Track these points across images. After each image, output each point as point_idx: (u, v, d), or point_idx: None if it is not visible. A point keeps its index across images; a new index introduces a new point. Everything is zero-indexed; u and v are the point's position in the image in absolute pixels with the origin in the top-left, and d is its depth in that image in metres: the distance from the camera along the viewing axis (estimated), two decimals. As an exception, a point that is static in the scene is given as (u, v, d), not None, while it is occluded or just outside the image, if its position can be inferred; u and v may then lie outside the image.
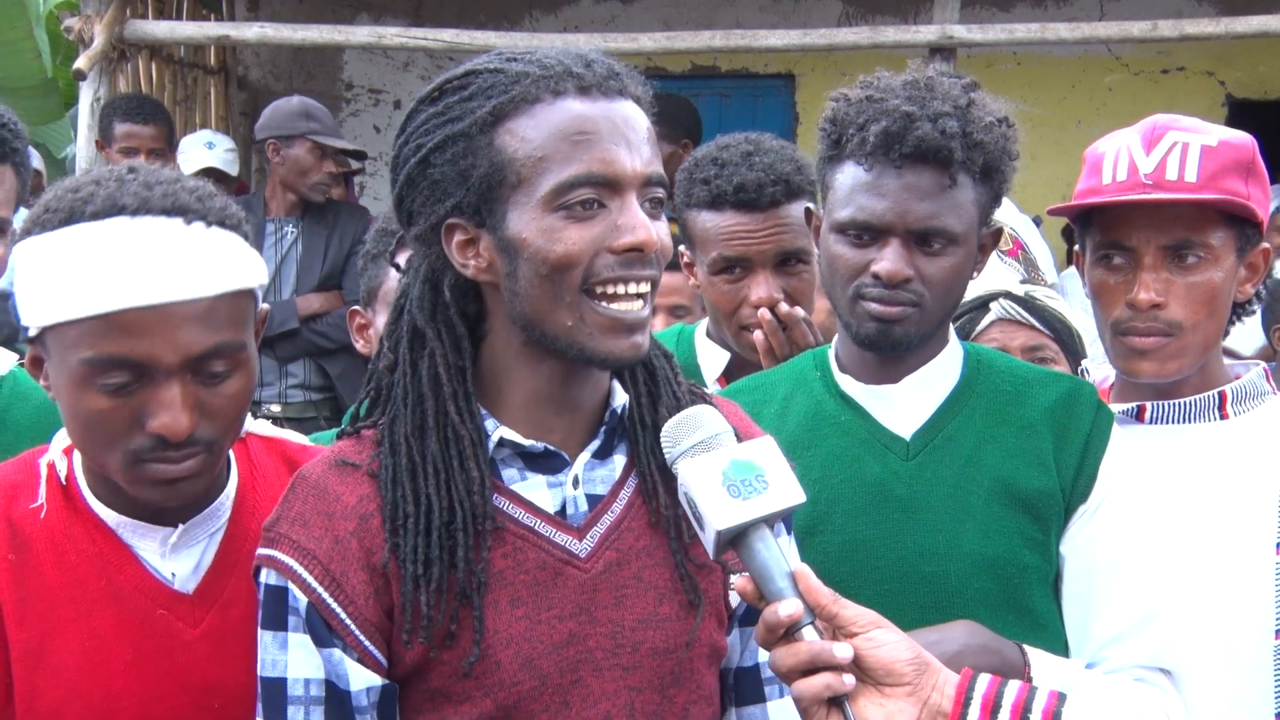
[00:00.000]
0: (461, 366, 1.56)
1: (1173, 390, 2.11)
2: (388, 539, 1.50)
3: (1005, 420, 1.96)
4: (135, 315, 1.50)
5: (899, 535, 1.90)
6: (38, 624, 1.60)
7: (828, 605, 1.41)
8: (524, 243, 1.48)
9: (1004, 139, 1.93)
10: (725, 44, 6.12)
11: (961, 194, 1.89)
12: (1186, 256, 2.02)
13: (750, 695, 1.70)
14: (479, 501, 1.52)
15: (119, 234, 1.53)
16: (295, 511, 1.53)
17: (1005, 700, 1.42)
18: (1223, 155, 2.02)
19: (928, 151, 1.86)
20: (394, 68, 7.92)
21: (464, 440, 1.53)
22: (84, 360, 1.51)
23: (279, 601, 1.51)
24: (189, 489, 1.60)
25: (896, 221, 1.88)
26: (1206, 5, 7.48)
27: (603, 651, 1.54)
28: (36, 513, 1.64)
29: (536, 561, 1.54)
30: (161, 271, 1.52)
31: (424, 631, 1.49)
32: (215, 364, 1.56)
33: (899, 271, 1.88)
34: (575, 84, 1.49)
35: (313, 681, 1.50)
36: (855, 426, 1.98)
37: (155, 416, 1.53)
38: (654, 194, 1.53)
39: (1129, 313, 2.05)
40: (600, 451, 1.60)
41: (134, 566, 1.64)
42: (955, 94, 1.92)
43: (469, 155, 1.49)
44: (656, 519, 1.59)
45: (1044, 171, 4.93)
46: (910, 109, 1.88)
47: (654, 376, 1.66)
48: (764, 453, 1.44)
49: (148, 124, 5.40)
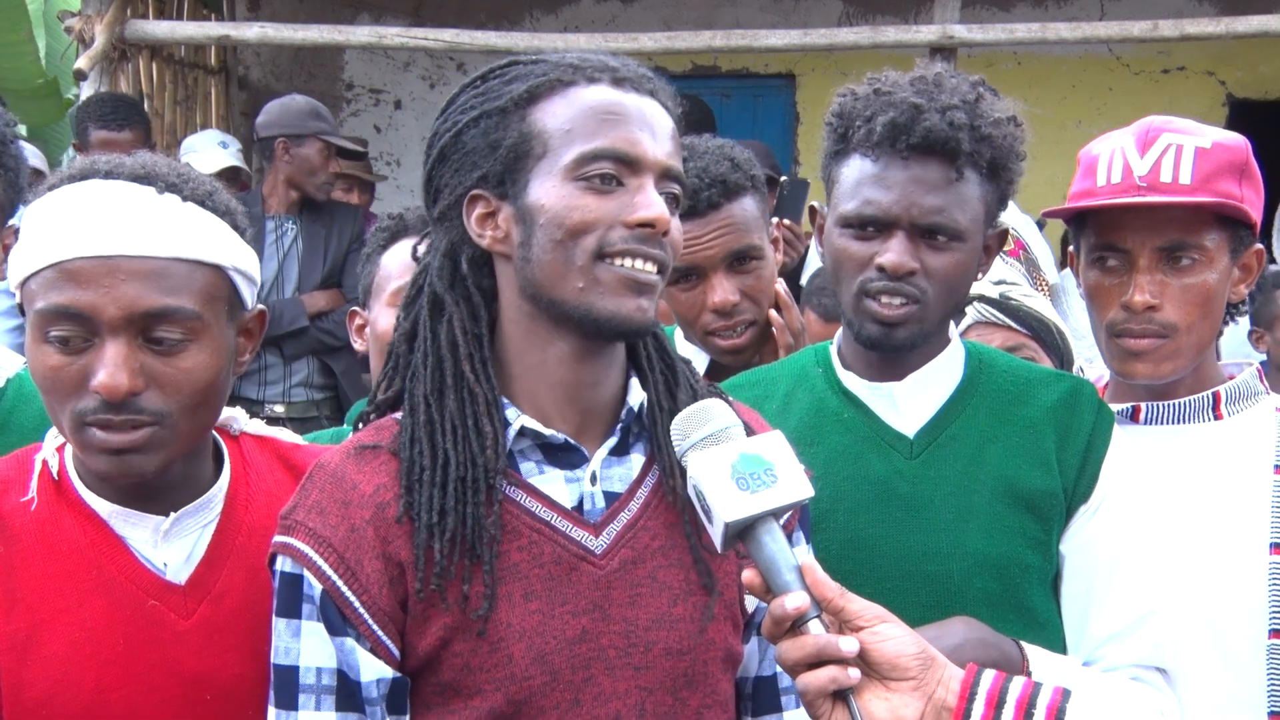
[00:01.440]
0: (478, 334, 1.59)
1: (1167, 391, 2.11)
2: (403, 495, 1.52)
3: (1008, 419, 1.96)
4: (81, 265, 1.53)
5: (902, 534, 1.90)
6: (26, 615, 1.60)
7: (834, 599, 1.41)
8: (542, 209, 1.52)
9: (1011, 137, 1.93)
10: (725, 44, 6.13)
11: (968, 189, 1.89)
12: (1181, 258, 2.02)
13: (768, 705, 1.70)
14: (492, 457, 1.53)
15: (87, 192, 1.58)
16: (312, 500, 1.54)
17: (1010, 695, 1.42)
18: (1217, 157, 2.03)
19: (935, 143, 1.85)
20: (394, 68, 7.93)
21: (479, 399, 1.55)
22: (37, 311, 1.55)
23: (294, 589, 1.52)
24: (137, 464, 1.58)
25: (902, 214, 1.87)
26: (1207, 5, 7.48)
27: (615, 650, 1.54)
28: (26, 506, 1.64)
29: (552, 556, 1.54)
30: (114, 226, 1.55)
31: (437, 579, 1.50)
32: (165, 328, 1.56)
33: (904, 264, 1.87)
34: (610, 76, 1.57)
35: (325, 670, 1.51)
36: (858, 424, 1.98)
37: (95, 374, 1.54)
38: (671, 188, 1.57)
39: (1124, 314, 2.05)
40: (617, 449, 1.61)
41: (125, 556, 1.64)
42: (964, 89, 1.92)
43: (500, 129, 1.55)
44: (674, 499, 1.60)
45: (1044, 171, 4.91)
46: (918, 101, 1.88)
47: (673, 369, 1.67)
48: (773, 447, 1.45)
49: (123, 130, 5.34)
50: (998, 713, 1.41)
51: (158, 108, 6.48)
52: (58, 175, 1.64)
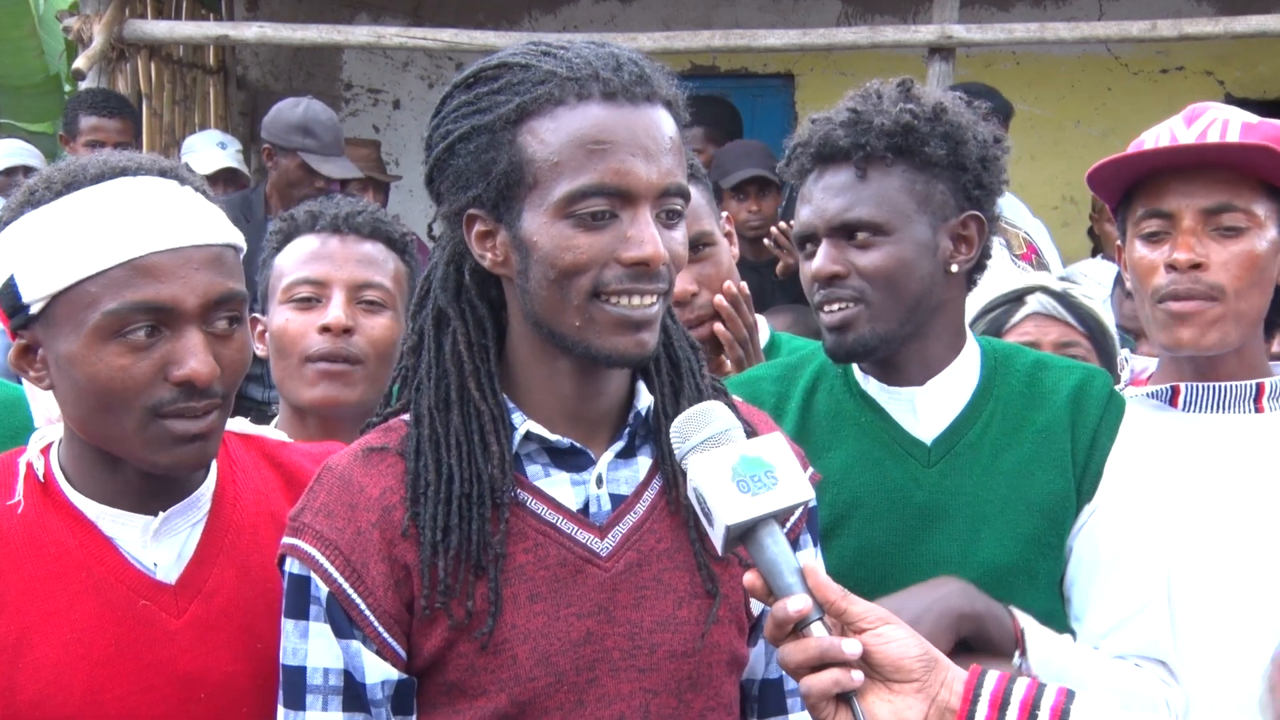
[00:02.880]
0: (484, 346, 1.58)
1: (1210, 370, 2.07)
2: (408, 509, 1.52)
3: (1023, 425, 1.96)
4: (157, 259, 1.55)
5: (916, 542, 1.91)
6: (16, 618, 1.59)
7: (836, 601, 1.41)
8: (535, 245, 1.49)
9: (949, 124, 1.94)
10: (724, 44, 6.13)
11: (883, 182, 1.91)
12: (1227, 222, 1.99)
13: (773, 708, 1.70)
14: (499, 475, 1.53)
15: (126, 190, 1.59)
16: (320, 502, 1.55)
17: (1014, 697, 1.42)
18: (1263, 131, 2.01)
19: (835, 151, 1.93)
20: (393, 68, 7.91)
21: (484, 416, 1.54)
22: (107, 312, 1.53)
23: (301, 591, 1.53)
24: (205, 450, 1.61)
25: (817, 221, 1.95)
26: (1206, 5, 7.48)
27: (620, 652, 1.54)
28: (13, 510, 1.64)
29: (557, 558, 1.54)
30: (174, 218, 1.58)
31: (441, 597, 1.50)
32: (225, 313, 1.60)
33: (823, 268, 1.93)
34: (601, 89, 1.49)
35: (332, 671, 1.52)
36: (876, 429, 1.98)
37: (182, 364, 1.56)
38: (671, 205, 1.52)
39: (1168, 277, 2.01)
40: (624, 452, 1.61)
41: (115, 557, 1.63)
42: (890, 93, 1.97)
43: (492, 149, 1.51)
44: (676, 508, 1.59)
45: (1043, 171, 4.95)
46: (831, 115, 1.96)
47: (678, 369, 1.65)
48: (774, 449, 1.44)
49: (113, 118, 5.36)
50: (1002, 713, 1.41)
51: (156, 108, 6.46)
52: (53, 180, 1.60)
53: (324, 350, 2.18)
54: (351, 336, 2.18)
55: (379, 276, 2.24)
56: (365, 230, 2.24)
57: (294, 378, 2.23)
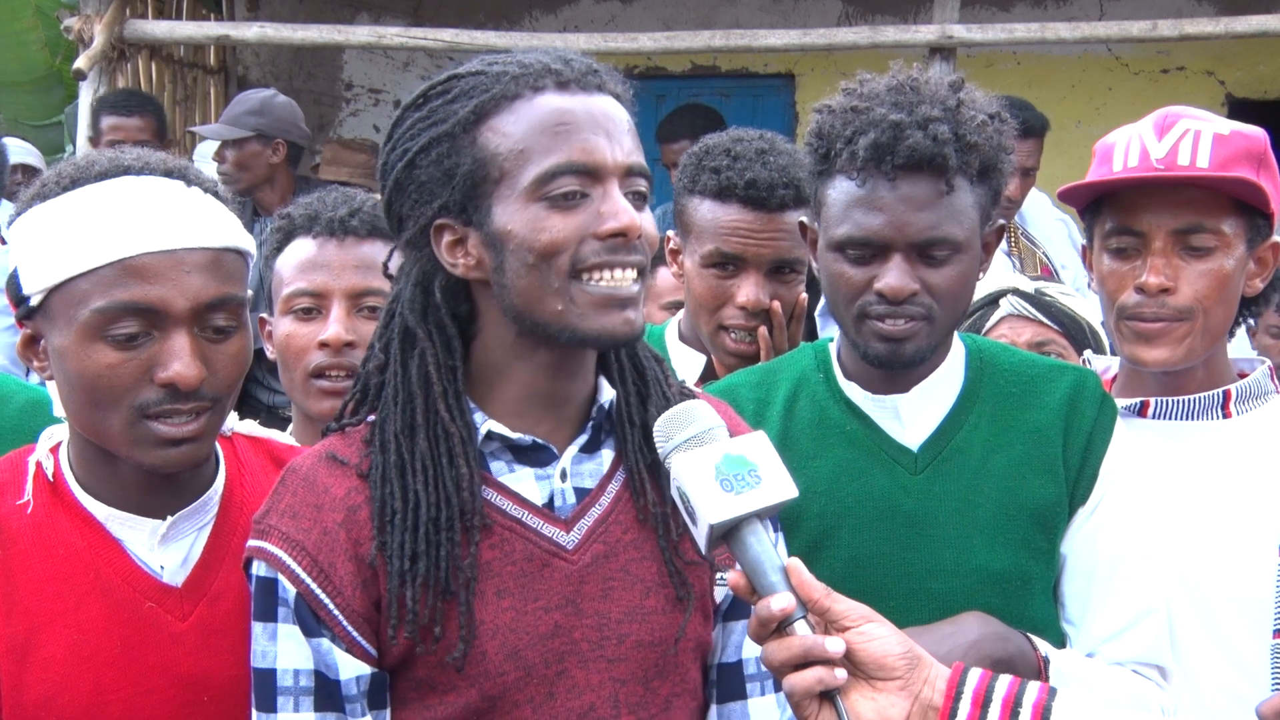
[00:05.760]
0: (452, 366, 1.58)
1: (1177, 385, 2.08)
2: (375, 535, 1.52)
3: (1012, 425, 1.92)
4: (147, 260, 1.55)
5: (906, 551, 1.88)
6: (24, 618, 1.60)
7: (820, 599, 1.41)
8: (509, 234, 1.50)
9: (998, 135, 1.88)
10: (725, 44, 6.13)
11: (960, 199, 1.83)
12: (1196, 243, 1.99)
13: (732, 692, 1.70)
14: (468, 498, 1.53)
15: (127, 189, 1.59)
16: (285, 504, 1.55)
17: (996, 694, 1.42)
18: (1235, 143, 2.00)
19: (921, 160, 1.80)
20: (394, 68, 7.93)
21: (454, 438, 1.54)
22: (96, 309, 1.54)
23: (269, 593, 1.53)
24: (191, 453, 1.61)
25: (896, 236, 1.82)
26: (1206, 5, 7.48)
27: (588, 643, 1.55)
28: (22, 509, 1.64)
29: (524, 553, 1.55)
30: (171, 220, 1.58)
31: (410, 626, 1.50)
32: (219, 317, 1.60)
33: (904, 288, 1.82)
34: (554, 80, 1.52)
35: (302, 672, 1.52)
36: (862, 437, 1.94)
37: (166, 366, 1.56)
38: (636, 185, 1.54)
39: (1136, 298, 2.01)
40: (588, 446, 1.61)
41: (122, 559, 1.64)
42: (943, 95, 1.86)
43: (453, 155, 1.52)
44: (644, 517, 1.60)
45: (1043, 171, 4.92)
46: (898, 117, 1.82)
47: (643, 376, 1.66)
48: (757, 447, 1.44)
49: (133, 115, 5.39)
50: (983, 712, 1.41)
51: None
52: (63, 174, 1.62)
53: (326, 364, 2.19)
54: (353, 349, 2.18)
55: (378, 281, 2.23)
56: (363, 231, 2.24)
57: (299, 390, 2.24)
